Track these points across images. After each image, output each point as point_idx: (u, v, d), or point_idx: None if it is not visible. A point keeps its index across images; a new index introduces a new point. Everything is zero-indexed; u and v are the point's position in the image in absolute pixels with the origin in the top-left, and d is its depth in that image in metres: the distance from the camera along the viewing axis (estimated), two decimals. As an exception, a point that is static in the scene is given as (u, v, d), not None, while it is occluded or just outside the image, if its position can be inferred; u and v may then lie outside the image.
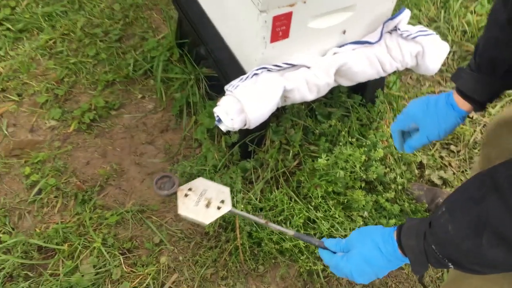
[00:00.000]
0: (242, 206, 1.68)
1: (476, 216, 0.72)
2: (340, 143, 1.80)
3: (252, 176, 1.79)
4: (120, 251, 1.70)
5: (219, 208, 1.10)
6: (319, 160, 1.68)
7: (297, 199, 1.73)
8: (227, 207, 1.10)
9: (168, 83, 2.15)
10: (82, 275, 1.61)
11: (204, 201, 1.10)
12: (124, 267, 1.66)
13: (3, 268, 1.62)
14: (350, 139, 1.80)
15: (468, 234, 0.73)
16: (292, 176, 1.81)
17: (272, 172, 1.79)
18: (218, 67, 1.78)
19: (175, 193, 1.11)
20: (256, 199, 1.73)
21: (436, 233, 0.80)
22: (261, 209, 1.72)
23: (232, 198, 1.69)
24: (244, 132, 1.80)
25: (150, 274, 1.64)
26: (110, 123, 2.08)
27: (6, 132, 2.01)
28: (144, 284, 1.62)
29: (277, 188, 1.78)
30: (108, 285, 1.62)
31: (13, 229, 1.74)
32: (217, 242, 1.72)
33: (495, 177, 0.71)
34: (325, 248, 1.04)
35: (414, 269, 0.88)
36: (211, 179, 1.79)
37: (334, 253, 1.02)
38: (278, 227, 1.10)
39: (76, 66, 2.22)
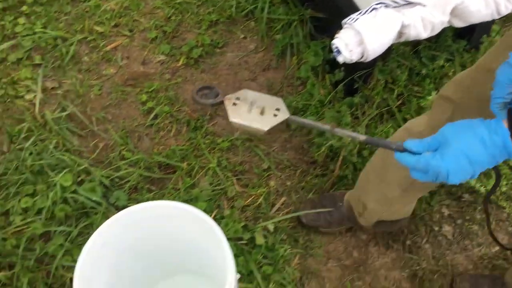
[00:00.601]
0: (350, 140, 1.76)
1: None
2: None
3: (358, 111, 1.87)
4: (232, 173, 1.83)
5: (275, 115, 0.95)
6: (428, 97, 1.74)
7: (403, 134, 1.80)
8: (284, 114, 0.95)
9: (270, 25, 2.24)
10: (201, 191, 1.75)
11: (257, 109, 0.96)
12: (237, 187, 1.79)
13: (129, 180, 1.79)
14: (454, 82, 1.84)
15: None
16: (397, 114, 1.87)
17: (378, 109, 1.86)
18: (328, 4, 1.85)
19: (222, 102, 0.98)
20: (364, 133, 1.81)
21: None
22: (366, 143, 1.80)
23: (340, 130, 1.78)
24: (350, 70, 1.87)
25: (262, 195, 1.77)
26: (214, 59, 2.19)
27: (120, 64, 2.16)
28: (257, 203, 1.75)
29: (382, 124, 1.86)
30: (223, 201, 1.76)
31: (134, 148, 1.90)
32: (324, 171, 1.83)
33: None
34: (404, 150, 0.87)
35: None
36: (317, 113, 1.89)
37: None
38: (347, 133, 0.95)
39: (181, 6, 2.34)
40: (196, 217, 1.24)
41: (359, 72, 1.84)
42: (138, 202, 1.69)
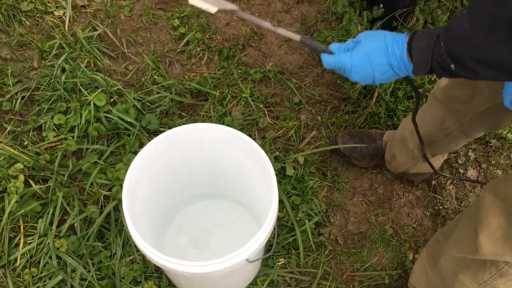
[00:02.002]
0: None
1: (496, 13, 0.70)
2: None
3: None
4: (264, 105, 1.83)
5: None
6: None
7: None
8: (235, 7, 1.00)
9: (306, -45, 2.16)
10: (233, 120, 1.76)
11: None
12: (268, 119, 1.80)
13: (160, 105, 1.79)
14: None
15: (482, 28, 0.72)
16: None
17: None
18: None
19: None
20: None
21: (450, 30, 0.79)
22: (401, 83, 1.80)
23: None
24: (390, 7, 1.83)
25: (292, 128, 1.78)
26: (247, -11, 2.13)
27: (150, -14, 2.10)
28: (288, 135, 1.77)
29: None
30: (255, 131, 1.77)
31: (166, 73, 1.88)
32: (355, 107, 1.83)
33: None
34: (330, 52, 0.99)
35: (415, 69, 0.88)
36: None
37: None
38: (285, 32, 1.02)
39: None
40: (243, 141, 1.25)
41: (400, 10, 1.80)
42: (169, 127, 1.71)
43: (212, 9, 0.96)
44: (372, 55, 0.92)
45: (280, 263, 1.53)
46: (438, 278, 1.31)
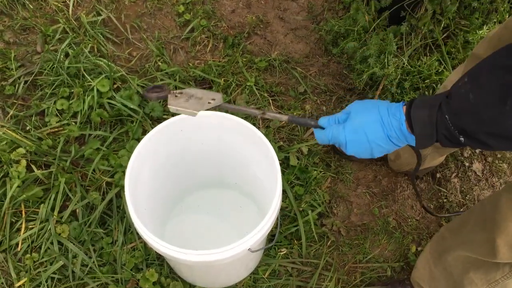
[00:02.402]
0: (393, 69, 1.73)
1: (503, 83, 0.66)
2: (494, 20, 1.80)
3: (403, 41, 1.83)
4: (268, 94, 1.81)
5: (209, 103, 1.04)
6: (479, 32, 1.69)
7: (447, 66, 1.77)
8: (219, 101, 1.04)
9: None
10: (237, 108, 1.74)
11: (195, 99, 1.06)
12: (273, 108, 1.78)
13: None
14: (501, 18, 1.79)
15: (492, 101, 0.67)
16: (443, 47, 1.83)
17: (423, 40, 1.81)
18: None
19: (166, 96, 1.06)
20: (406, 63, 1.78)
21: (454, 102, 0.74)
22: (407, 74, 1.77)
23: (383, 60, 1.74)
24: (398, -3, 1.80)
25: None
26: (254, -24, 2.10)
27: (156, -29, 2.07)
28: (292, 125, 1.75)
29: (426, 56, 1.82)
30: (259, 120, 1.75)
31: (170, 60, 1.86)
32: (361, 98, 1.81)
33: None
34: (321, 127, 0.96)
35: (418, 142, 0.82)
36: (360, 40, 1.84)
37: None
38: (274, 115, 1.03)
39: None
40: (247, 129, 1.23)
41: (407, 0, 1.77)
42: (173, 115, 1.69)
43: (194, 113, 1.02)
44: (368, 128, 0.87)
45: (282, 253, 1.53)
46: (442, 274, 1.30)
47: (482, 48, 1.20)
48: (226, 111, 1.21)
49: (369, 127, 0.87)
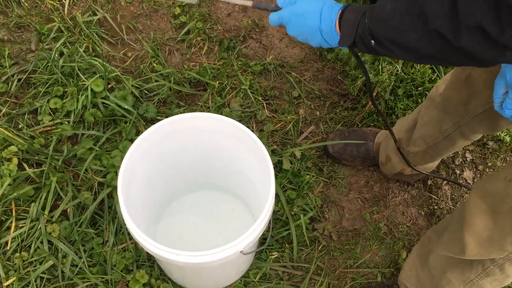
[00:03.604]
0: (387, 76, 1.74)
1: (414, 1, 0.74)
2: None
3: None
4: (263, 97, 1.82)
5: None
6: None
7: (440, 74, 1.79)
8: None
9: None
10: (231, 111, 1.74)
11: None
12: (266, 112, 1.79)
13: (158, 93, 1.77)
14: None
15: (400, 11, 0.75)
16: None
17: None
18: None
19: None
20: (400, 71, 1.80)
21: (375, 8, 0.83)
22: (401, 81, 1.79)
23: (378, 66, 1.76)
24: None
25: (290, 122, 1.77)
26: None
27: (152, -27, 2.07)
28: (286, 129, 1.76)
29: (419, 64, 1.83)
30: (253, 124, 1.76)
31: (165, 61, 1.86)
32: (355, 104, 1.82)
33: None
34: (279, 9, 1.03)
35: (341, 40, 0.91)
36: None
37: None
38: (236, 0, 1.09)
39: None
40: (241, 131, 1.24)
41: None
42: (167, 116, 1.69)
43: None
44: (308, 16, 0.95)
45: (273, 256, 1.53)
46: (428, 277, 1.32)
47: None
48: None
49: (309, 15, 0.94)
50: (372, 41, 0.83)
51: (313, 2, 0.96)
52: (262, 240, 1.54)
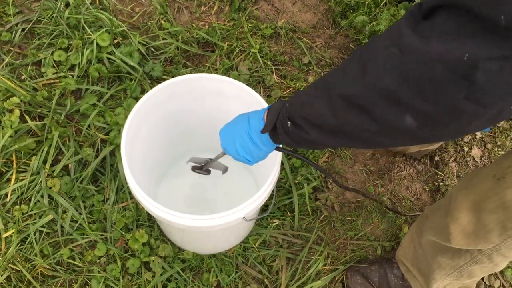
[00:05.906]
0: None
1: (326, 81, 0.77)
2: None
3: (413, 19, 1.78)
4: (272, 62, 1.77)
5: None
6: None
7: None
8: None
9: None
10: (239, 74, 1.70)
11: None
12: (275, 77, 1.74)
13: (165, 52, 1.72)
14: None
15: (315, 93, 0.77)
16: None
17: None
18: None
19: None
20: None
21: (296, 94, 0.85)
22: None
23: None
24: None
25: (299, 89, 1.72)
26: None
27: None
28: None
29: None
30: (261, 88, 1.72)
31: (173, 19, 1.81)
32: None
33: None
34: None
35: (264, 127, 0.92)
36: (370, 14, 1.79)
37: None
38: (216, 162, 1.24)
39: None
40: (249, 95, 1.20)
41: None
42: (173, 76, 1.65)
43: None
44: (237, 121, 0.99)
45: (274, 224, 1.52)
46: (423, 255, 1.31)
47: None
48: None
49: (239, 121, 0.99)
50: (289, 123, 0.83)
51: (241, 117, 1.00)
52: (264, 207, 1.52)
